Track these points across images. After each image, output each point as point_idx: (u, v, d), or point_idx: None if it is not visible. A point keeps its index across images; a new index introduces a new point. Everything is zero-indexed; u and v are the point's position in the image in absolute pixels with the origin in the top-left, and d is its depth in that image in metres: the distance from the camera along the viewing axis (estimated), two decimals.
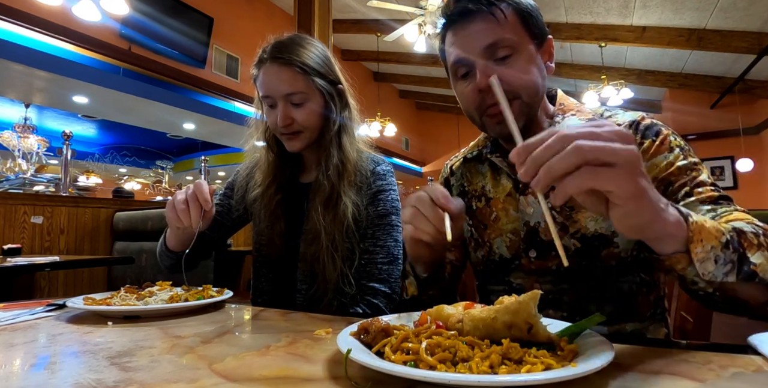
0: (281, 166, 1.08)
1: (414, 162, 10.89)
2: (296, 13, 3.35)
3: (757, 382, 0.39)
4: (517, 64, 0.75)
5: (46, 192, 4.48)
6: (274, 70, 0.97)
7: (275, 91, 0.97)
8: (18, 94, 5.71)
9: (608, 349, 0.41)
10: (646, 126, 0.77)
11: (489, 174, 0.90)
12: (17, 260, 1.89)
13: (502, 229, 0.85)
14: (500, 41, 0.73)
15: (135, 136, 9.19)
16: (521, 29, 0.75)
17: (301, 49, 0.99)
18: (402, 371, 0.37)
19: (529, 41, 0.76)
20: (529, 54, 0.76)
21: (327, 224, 0.98)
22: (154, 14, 5.00)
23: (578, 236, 0.76)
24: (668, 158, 0.73)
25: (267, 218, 1.05)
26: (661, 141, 0.75)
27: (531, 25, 0.76)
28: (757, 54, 5.45)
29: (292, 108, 0.98)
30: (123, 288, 0.84)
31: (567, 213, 0.78)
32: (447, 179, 1.00)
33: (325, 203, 1.00)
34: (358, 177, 1.04)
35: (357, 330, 0.48)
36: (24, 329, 0.65)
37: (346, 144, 1.04)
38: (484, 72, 0.74)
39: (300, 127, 0.99)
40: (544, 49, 0.80)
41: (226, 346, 0.54)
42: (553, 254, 0.77)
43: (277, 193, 1.05)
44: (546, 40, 0.80)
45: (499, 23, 0.73)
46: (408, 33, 5.50)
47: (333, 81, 1.03)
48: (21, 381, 0.42)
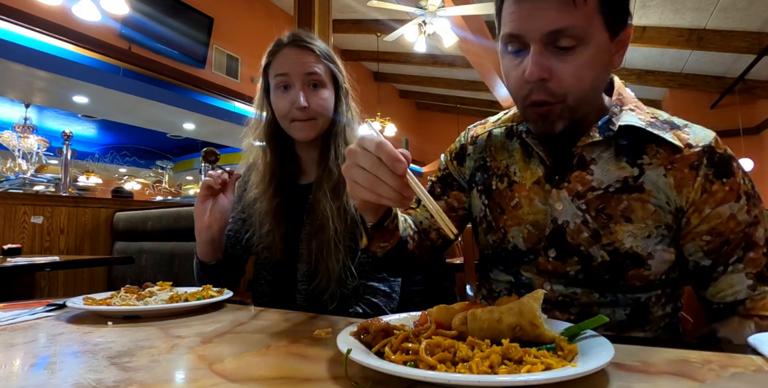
0: (279, 167, 1.07)
1: (414, 162, 10.88)
2: (296, 13, 3.35)
3: (757, 382, 0.39)
4: (579, 59, 0.63)
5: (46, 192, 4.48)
6: (296, 52, 1.00)
7: (297, 68, 0.98)
8: (18, 94, 5.71)
9: (608, 349, 0.41)
10: (721, 158, 0.67)
11: (519, 154, 0.80)
12: (17, 260, 1.89)
13: (523, 218, 0.77)
14: (568, 29, 0.61)
15: (135, 136, 9.19)
16: (599, 15, 0.63)
17: (321, 41, 1.04)
18: (402, 371, 0.37)
19: (603, 31, 0.64)
20: (599, 47, 0.64)
21: (332, 214, 0.97)
22: (154, 14, 5.00)
23: (610, 248, 0.69)
24: (733, 209, 0.66)
25: (267, 221, 1.04)
26: (731, 186, 0.66)
27: (613, 11, 0.64)
28: (757, 54, 5.45)
29: (309, 90, 0.99)
30: (123, 288, 0.84)
31: (604, 221, 0.70)
32: (464, 146, 0.90)
33: (333, 190, 0.99)
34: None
35: (357, 330, 0.48)
36: (24, 329, 0.65)
37: (352, 139, 1.05)
38: (538, 63, 0.63)
39: (314, 114, 0.99)
40: (619, 38, 0.67)
41: (226, 346, 0.54)
42: (576, 260, 0.71)
43: (276, 195, 1.04)
44: (625, 29, 0.67)
45: (575, 5, 0.60)
46: (408, 33, 5.50)
47: (343, 76, 1.07)
48: (21, 381, 0.42)
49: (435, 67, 8.11)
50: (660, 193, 0.68)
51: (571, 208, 0.72)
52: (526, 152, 0.78)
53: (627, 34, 0.68)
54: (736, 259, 0.67)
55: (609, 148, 0.71)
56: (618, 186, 0.69)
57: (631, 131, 0.69)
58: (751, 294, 0.66)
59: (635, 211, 0.68)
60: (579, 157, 0.72)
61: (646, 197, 0.68)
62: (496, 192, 0.81)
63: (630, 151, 0.70)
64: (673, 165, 0.68)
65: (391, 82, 9.92)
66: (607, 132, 0.69)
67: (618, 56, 0.69)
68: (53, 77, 4.76)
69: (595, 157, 0.71)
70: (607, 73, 0.70)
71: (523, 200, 0.77)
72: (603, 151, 0.71)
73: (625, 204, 0.69)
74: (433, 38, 5.75)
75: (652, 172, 0.68)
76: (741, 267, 0.66)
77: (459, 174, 0.89)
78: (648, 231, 0.68)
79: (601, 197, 0.70)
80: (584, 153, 0.72)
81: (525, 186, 0.77)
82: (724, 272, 0.68)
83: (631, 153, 0.70)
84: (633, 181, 0.69)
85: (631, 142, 0.70)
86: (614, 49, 0.68)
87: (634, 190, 0.69)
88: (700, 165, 0.67)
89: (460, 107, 10.16)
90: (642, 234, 0.68)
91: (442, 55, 7.39)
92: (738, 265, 0.67)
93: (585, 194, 0.71)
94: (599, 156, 0.71)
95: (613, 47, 0.67)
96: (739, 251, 0.66)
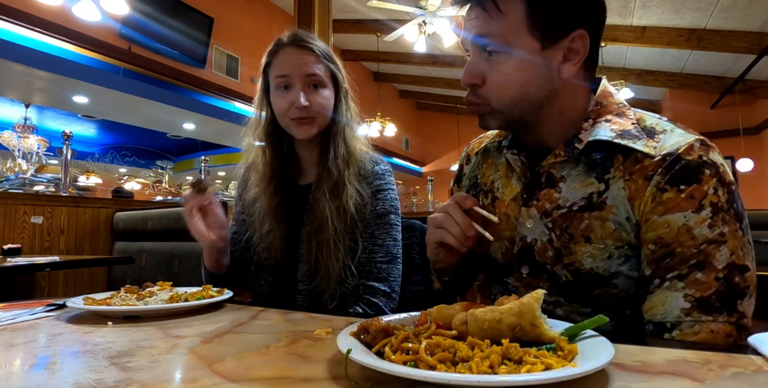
0: (279, 167, 1.07)
1: (414, 162, 10.89)
2: (296, 13, 3.35)
3: (757, 382, 0.39)
4: (503, 65, 0.66)
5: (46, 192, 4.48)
6: (296, 52, 1.00)
7: (297, 70, 0.98)
8: (18, 94, 5.72)
9: (608, 349, 0.41)
10: (686, 165, 0.60)
11: (503, 169, 0.81)
12: (17, 260, 1.89)
13: (501, 234, 0.77)
14: (489, 35, 0.66)
15: (135, 136, 9.20)
16: (522, 24, 0.64)
17: (321, 42, 1.04)
18: (402, 371, 0.37)
19: (530, 39, 0.65)
20: (525, 53, 0.65)
21: (331, 213, 0.98)
22: (154, 14, 5.00)
23: (572, 268, 0.68)
24: (689, 220, 0.59)
25: (267, 221, 1.04)
26: (691, 194, 0.59)
27: (543, 19, 0.64)
28: (757, 54, 5.45)
29: (309, 90, 0.99)
30: (123, 288, 0.84)
31: (565, 240, 0.68)
32: (461, 167, 0.94)
33: (332, 189, 0.99)
34: (361, 172, 1.05)
35: (357, 330, 0.48)
36: (24, 329, 0.65)
37: (351, 137, 1.06)
38: (468, 69, 0.70)
39: (314, 113, 0.99)
40: (558, 46, 0.65)
41: (226, 346, 0.54)
42: (545, 277, 0.72)
43: (276, 195, 1.04)
44: (566, 36, 0.65)
45: (490, 16, 0.65)
46: (408, 33, 5.50)
47: (343, 76, 1.07)
48: (21, 381, 0.42)
49: (435, 67, 8.12)
50: (620, 208, 0.64)
51: (539, 226, 0.71)
52: (509, 167, 0.78)
53: (577, 43, 0.65)
54: (675, 275, 0.60)
55: (578, 164, 0.69)
56: (582, 204, 0.67)
57: (604, 144, 0.66)
58: (681, 319, 0.58)
59: (594, 230, 0.66)
60: (547, 174, 0.71)
61: (605, 215, 0.65)
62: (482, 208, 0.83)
63: (602, 165, 0.67)
64: (631, 176, 0.64)
65: (391, 82, 9.93)
66: (572, 150, 0.68)
67: (567, 66, 0.67)
68: (53, 77, 4.77)
69: (564, 175, 0.70)
70: (546, 81, 0.67)
71: (502, 217, 0.77)
72: (572, 168, 0.69)
73: (586, 223, 0.66)
74: (433, 38, 5.75)
75: (614, 185, 0.65)
76: (680, 286, 0.59)
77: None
78: (607, 252, 0.65)
79: (565, 216, 0.68)
80: (552, 170, 0.71)
81: (504, 202, 0.78)
82: (659, 287, 0.61)
83: (602, 167, 0.67)
84: (597, 198, 0.66)
85: (604, 155, 0.67)
86: (558, 58, 0.66)
87: (595, 208, 0.66)
88: (654, 174, 0.62)
89: (460, 107, 10.15)
90: (601, 255, 0.65)
91: (442, 55, 7.39)
92: (676, 282, 0.59)
93: (551, 212, 0.70)
94: (568, 173, 0.70)
95: (551, 55, 0.66)
96: (684, 267, 0.59)
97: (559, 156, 0.69)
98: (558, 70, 0.67)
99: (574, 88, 0.70)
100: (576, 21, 0.65)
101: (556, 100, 0.70)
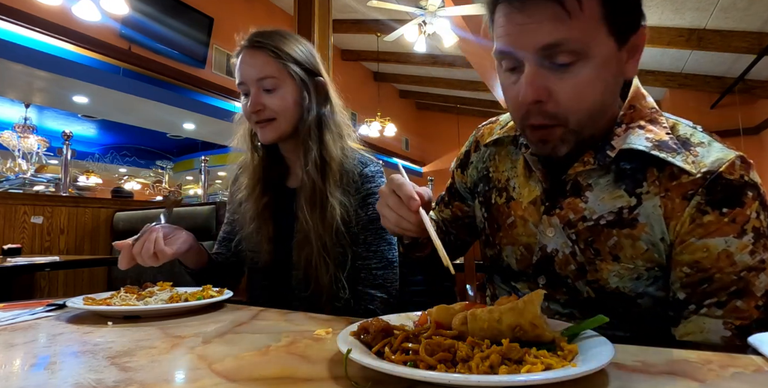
0: (267, 168, 1.05)
1: (414, 162, 10.88)
2: (296, 13, 3.34)
3: (757, 382, 0.39)
4: (579, 75, 0.56)
5: (46, 192, 4.48)
6: (249, 56, 0.97)
7: (247, 75, 0.96)
8: (18, 94, 5.72)
9: (608, 349, 0.41)
10: (728, 185, 0.56)
11: (521, 167, 0.73)
12: (17, 260, 1.89)
13: (516, 239, 0.72)
14: (563, 43, 0.54)
15: (135, 136, 9.19)
16: (602, 24, 0.55)
17: (280, 37, 0.98)
18: (402, 371, 0.37)
19: (608, 40, 0.56)
20: (604, 59, 0.56)
21: (315, 226, 0.95)
22: (154, 14, 5.00)
23: (595, 286, 0.64)
24: (730, 245, 0.56)
25: (254, 221, 1.02)
26: (733, 218, 0.55)
27: (620, 16, 0.55)
28: (757, 54, 5.44)
29: (263, 94, 0.96)
30: (123, 288, 0.84)
31: (591, 256, 0.64)
32: (468, 153, 0.86)
33: (311, 202, 0.96)
34: (344, 178, 0.99)
35: (357, 330, 0.48)
36: (24, 329, 0.65)
37: (328, 140, 0.99)
38: (533, 83, 0.57)
39: (272, 114, 0.96)
40: (630, 44, 0.58)
41: (226, 346, 0.54)
42: (564, 290, 0.67)
43: (263, 195, 1.03)
44: (636, 33, 0.58)
45: (570, 15, 0.53)
46: (408, 33, 5.50)
47: (311, 71, 1.00)
48: (21, 381, 0.42)
49: (435, 67, 8.10)
50: (654, 227, 0.60)
51: (561, 237, 0.66)
52: (528, 166, 0.71)
53: (640, 38, 0.59)
54: (714, 302, 0.57)
55: (608, 173, 0.63)
56: (610, 219, 0.62)
57: (638, 154, 0.61)
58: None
59: (624, 248, 0.62)
60: (573, 182, 0.66)
61: (636, 234, 0.61)
62: (494, 207, 0.77)
63: (632, 176, 0.62)
64: (667, 193, 0.59)
65: (391, 82, 9.92)
66: (603, 158, 0.62)
67: (631, 64, 0.60)
68: (53, 77, 4.76)
69: (591, 183, 0.64)
70: (617, 85, 0.62)
71: (518, 220, 0.72)
72: (600, 176, 0.64)
73: (615, 240, 0.62)
74: (433, 38, 5.75)
75: (648, 202, 0.60)
76: (719, 313, 0.57)
77: (462, 183, 0.88)
78: (636, 273, 0.62)
79: (591, 229, 0.64)
80: (579, 178, 0.65)
81: (521, 205, 0.72)
82: (696, 312, 0.58)
83: (632, 179, 0.62)
84: (627, 214, 0.61)
85: (636, 165, 0.62)
86: (625, 58, 0.59)
87: (626, 225, 0.61)
88: (695, 194, 0.57)
89: (460, 107, 10.15)
90: (629, 275, 0.62)
91: (442, 55, 7.39)
92: (715, 309, 0.57)
93: (576, 223, 0.65)
94: (596, 182, 0.64)
95: (623, 55, 0.59)
96: (723, 294, 0.56)
97: (588, 164, 0.63)
98: (624, 69, 0.60)
99: (609, 106, 0.63)
100: (641, 14, 0.58)
101: (601, 120, 0.63)
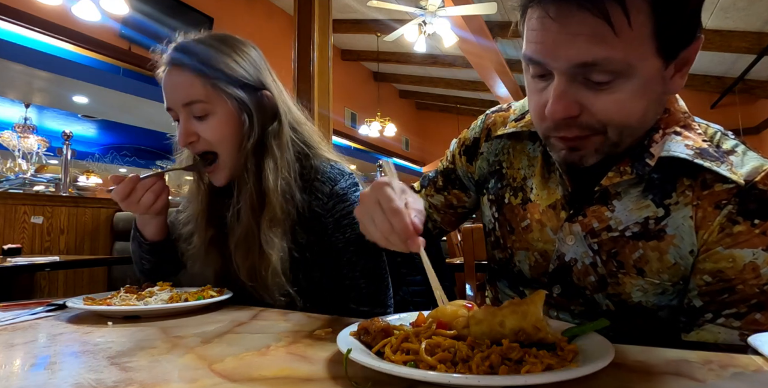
0: (212, 200, 0.92)
1: (414, 162, 10.88)
2: (296, 13, 3.34)
3: (757, 382, 0.39)
4: (618, 92, 0.51)
5: (46, 192, 4.48)
6: (172, 75, 0.82)
7: (172, 100, 0.82)
8: (18, 94, 5.72)
9: (608, 349, 0.41)
10: (760, 198, 0.54)
11: (539, 165, 0.68)
12: (17, 260, 1.89)
13: (531, 244, 0.68)
14: (603, 63, 0.49)
15: (135, 136, 9.18)
16: (650, 41, 0.49)
17: (208, 48, 0.82)
18: (402, 371, 0.37)
19: (654, 59, 0.50)
20: (646, 78, 0.51)
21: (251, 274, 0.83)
22: (154, 14, 5.00)
23: (616, 299, 0.62)
24: (757, 258, 0.54)
25: (200, 259, 0.92)
26: (764, 230, 0.53)
27: (673, 31, 0.49)
28: (757, 54, 5.45)
29: (194, 121, 0.82)
30: (123, 288, 0.84)
31: (613, 268, 0.61)
32: (477, 141, 0.77)
33: (243, 249, 0.83)
34: (302, 209, 0.85)
35: (357, 330, 0.48)
36: (24, 329, 0.65)
37: (268, 168, 0.83)
38: (563, 98, 0.52)
39: (208, 146, 0.83)
40: (681, 58, 0.53)
41: (226, 346, 0.54)
42: (580, 301, 0.65)
43: (207, 229, 0.91)
44: (688, 47, 0.53)
45: (616, 33, 0.47)
46: (408, 33, 5.50)
47: (251, 86, 0.84)
48: (21, 381, 0.42)
49: (435, 67, 8.10)
50: (684, 240, 0.57)
51: (582, 246, 0.63)
52: (547, 165, 0.67)
53: (692, 51, 0.53)
54: (733, 313, 0.55)
55: (641, 183, 0.60)
56: (636, 230, 0.59)
57: (668, 162, 0.57)
58: None
59: (650, 262, 0.59)
60: (602, 189, 0.61)
61: (664, 247, 0.58)
62: (507, 207, 0.72)
63: (660, 186, 0.59)
64: (699, 202, 0.56)
65: (391, 82, 9.91)
66: (642, 167, 0.57)
67: (677, 78, 0.55)
68: (53, 77, 4.76)
69: (620, 192, 0.60)
70: (659, 103, 0.57)
71: (535, 224, 0.68)
72: (632, 185, 0.60)
73: (640, 253, 0.59)
74: (433, 38, 5.74)
75: (677, 213, 0.57)
76: (736, 324, 0.55)
77: (465, 172, 0.81)
78: (662, 288, 0.59)
79: (615, 240, 0.61)
80: (610, 186, 0.61)
81: (539, 208, 0.67)
82: (713, 322, 0.57)
83: (660, 189, 0.59)
84: (654, 225, 0.58)
85: (666, 175, 0.58)
86: (672, 72, 0.54)
87: (653, 237, 0.58)
88: (728, 203, 0.55)
89: (460, 107, 10.15)
90: (654, 290, 0.60)
91: (442, 55, 7.39)
92: (733, 320, 0.55)
93: (599, 233, 0.62)
94: (626, 191, 0.60)
95: (669, 71, 0.53)
96: (743, 306, 0.55)
97: (626, 173, 0.58)
98: (669, 85, 0.55)
99: (651, 120, 0.59)
100: (696, 29, 0.52)
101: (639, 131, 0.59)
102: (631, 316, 0.62)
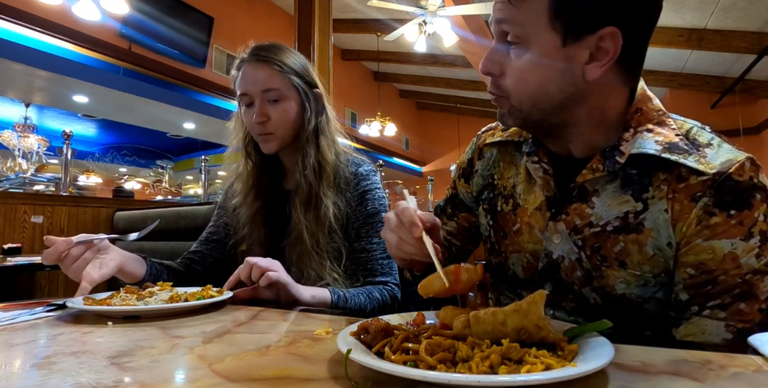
0: (260, 174, 1.10)
1: (414, 162, 10.89)
2: (296, 13, 3.34)
3: (757, 382, 0.39)
4: (520, 59, 0.60)
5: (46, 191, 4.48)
6: (253, 68, 1.01)
7: (253, 87, 1.00)
8: (18, 93, 5.72)
9: (608, 349, 0.41)
10: (735, 189, 0.55)
11: (524, 173, 0.73)
12: (17, 260, 1.89)
13: (523, 246, 0.72)
14: (508, 21, 0.59)
15: (135, 136, 9.19)
16: (542, 15, 0.57)
17: (279, 51, 1.04)
18: (402, 371, 0.37)
19: (549, 32, 0.57)
20: (542, 50, 0.58)
21: (309, 225, 1.00)
22: (154, 14, 5.00)
23: (601, 292, 0.64)
24: (736, 247, 0.55)
25: (247, 226, 1.07)
26: (741, 220, 0.55)
27: (568, 12, 0.56)
28: (757, 54, 5.45)
29: (268, 105, 1.01)
30: (123, 288, 0.83)
31: (597, 262, 0.64)
32: (471, 162, 0.84)
33: (306, 204, 1.02)
34: (339, 180, 1.06)
35: (357, 330, 0.48)
36: (24, 329, 0.65)
37: (324, 146, 1.06)
38: (487, 56, 0.63)
39: (274, 128, 1.01)
40: (582, 43, 0.57)
41: (226, 346, 0.54)
42: (571, 297, 0.68)
43: (256, 200, 1.07)
44: (593, 33, 0.56)
45: (512, 3, 0.58)
46: (408, 33, 5.50)
47: (310, 83, 1.06)
48: (21, 381, 0.42)
49: (435, 67, 8.11)
50: (660, 232, 0.60)
51: (567, 243, 0.66)
52: (530, 173, 0.72)
53: (607, 42, 0.57)
54: (717, 304, 0.57)
55: (615, 179, 0.63)
56: (617, 224, 0.62)
57: (644, 158, 0.60)
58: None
59: (630, 254, 0.61)
60: (579, 188, 0.65)
61: (643, 239, 0.61)
62: (500, 214, 0.76)
63: (639, 181, 0.61)
64: (674, 195, 0.59)
65: (391, 82, 9.92)
66: (612, 164, 0.61)
67: (593, 67, 0.58)
68: (53, 77, 4.77)
69: (598, 189, 0.64)
70: (569, 83, 0.59)
71: (524, 227, 0.71)
72: (608, 182, 0.63)
73: (621, 246, 0.62)
74: (433, 38, 5.75)
75: (654, 206, 0.60)
76: (722, 315, 0.57)
77: (466, 193, 0.86)
78: (643, 279, 0.62)
79: (597, 235, 0.64)
80: (586, 184, 0.65)
81: (527, 211, 0.71)
82: (698, 314, 0.58)
83: (639, 184, 0.61)
84: (633, 218, 0.61)
85: (642, 170, 0.61)
86: (581, 57, 0.58)
87: (632, 230, 0.61)
88: (703, 196, 0.57)
89: (460, 107, 10.16)
90: (636, 282, 0.62)
91: (443, 55, 7.39)
92: (718, 311, 0.57)
93: (582, 229, 0.65)
94: (603, 188, 0.64)
95: (573, 53, 0.57)
96: (727, 297, 0.56)
97: (597, 171, 0.62)
98: (582, 70, 0.59)
99: (606, 92, 0.62)
100: (606, 17, 0.56)
101: (584, 104, 0.62)
102: (618, 309, 0.64)
